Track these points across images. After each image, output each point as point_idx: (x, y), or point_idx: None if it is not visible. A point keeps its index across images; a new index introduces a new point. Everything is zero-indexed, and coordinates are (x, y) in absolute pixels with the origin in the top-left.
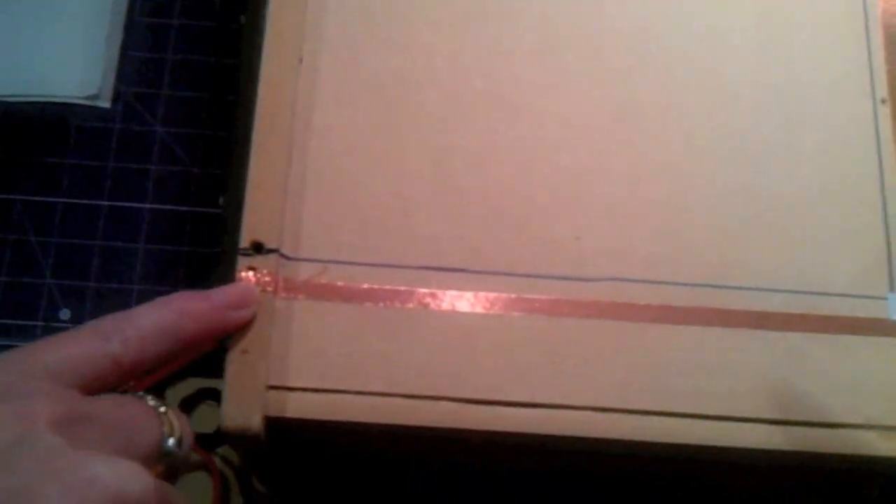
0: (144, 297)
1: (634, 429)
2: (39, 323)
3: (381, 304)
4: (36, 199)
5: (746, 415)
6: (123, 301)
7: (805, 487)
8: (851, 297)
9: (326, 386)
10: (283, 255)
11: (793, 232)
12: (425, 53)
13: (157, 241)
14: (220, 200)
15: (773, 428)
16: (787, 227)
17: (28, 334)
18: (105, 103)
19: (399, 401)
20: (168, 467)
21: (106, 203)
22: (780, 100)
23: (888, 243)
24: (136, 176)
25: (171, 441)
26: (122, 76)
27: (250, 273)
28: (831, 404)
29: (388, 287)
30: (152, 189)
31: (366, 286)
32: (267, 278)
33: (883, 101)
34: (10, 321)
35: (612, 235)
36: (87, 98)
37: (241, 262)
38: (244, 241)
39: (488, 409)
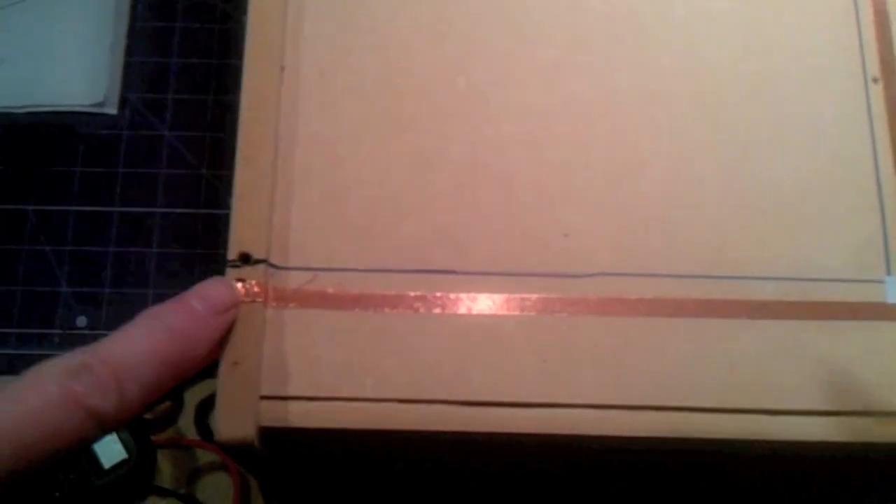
0: (158, 301)
1: (630, 424)
2: (57, 331)
3: (372, 310)
4: (48, 208)
5: (741, 406)
6: (139, 306)
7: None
8: (847, 281)
9: (320, 394)
10: (271, 265)
11: (785, 218)
12: (405, 56)
13: (169, 244)
14: (229, 201)
15: (766, 418)
16: (778, 213)
17: (46, 342)
18: (112, 110)
19: (393, 406)
20: None
21: (117, 209)
22: (768, 84)
23: (884, 225)
24: (146, 181)
25: None
26: (127, 83)
27: (239, 284)
28: (828, 392)
29: (378, 292)
30: (162, 193)
31: (356, 292)
32: (256, 289)
33: (874, 80)
34: (28, 330)
35: (600, 230)
36: (94, 106)
37: (230, 273)
38: (232, 253)
39: (483, 410)
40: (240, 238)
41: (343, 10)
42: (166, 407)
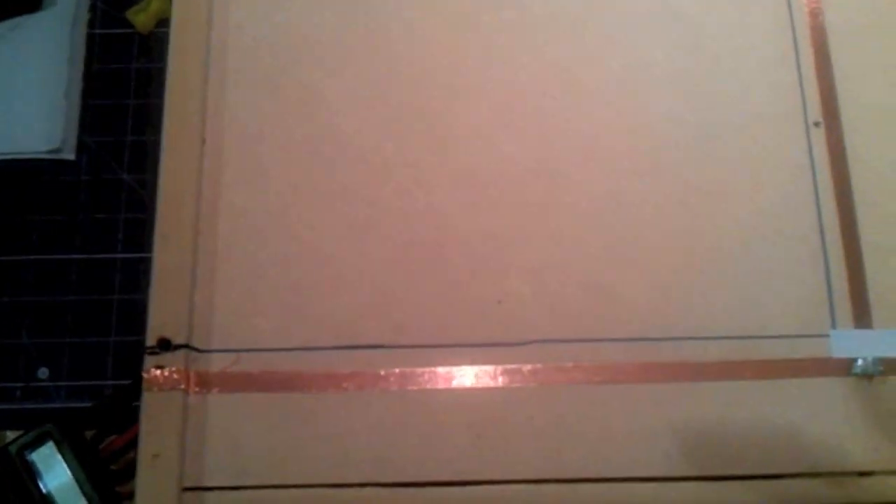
0: (121, 350)
1: (570, 498)
2: (19, 384)
3: (299, 391)
4: (7, 258)
5: (685, 474)
6: (100, 354)
7: None
8: (791, 337)
9: (245, 483)
10: (193, 349)
11: (727, 275)
12: (332, 122)
13: (131, 290)
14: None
15: (707, 485)
16: (720, 270)
17: (7, 396)
18: (70, 155)
19: (323, 491)
20: None
21: (78, 256)
22: (706, 135)
23: (828, 276)
24: (107, 226)
25: None
26: (84, 126)
27: (157, 372)
28: (773, 454)
29: (305, 371)
30: (123, 238)
31: (283, 373)
32: (175, 376)
33: (816, 125)
34: None
35: (535, 295)
36: (51, 152)
37: (148, 361)
38: (150, 340)
39: (417, 491)
40: (159, 323)
41: (267, 77)
42: (130, 458)
